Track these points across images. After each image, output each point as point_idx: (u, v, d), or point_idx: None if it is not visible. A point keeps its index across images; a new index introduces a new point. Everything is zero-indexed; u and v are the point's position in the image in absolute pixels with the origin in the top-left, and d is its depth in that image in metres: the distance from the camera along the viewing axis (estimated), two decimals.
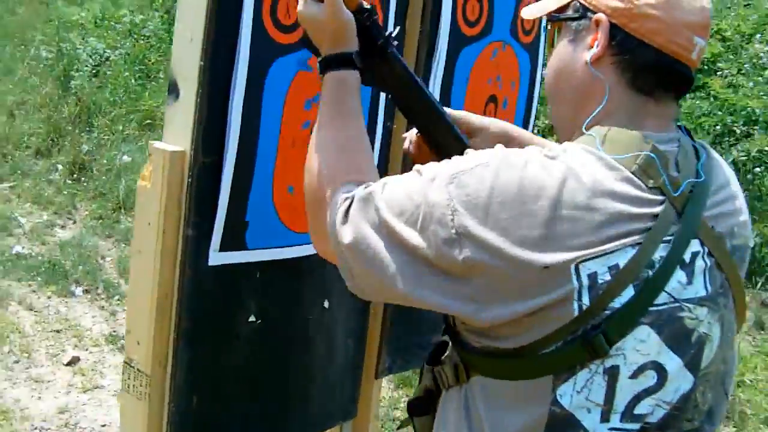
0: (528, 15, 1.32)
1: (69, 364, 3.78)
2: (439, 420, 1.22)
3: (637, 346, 1.05)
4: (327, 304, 1.89)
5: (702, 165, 1.14)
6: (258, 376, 1.76)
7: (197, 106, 1.49)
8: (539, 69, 2.25)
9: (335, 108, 1.29)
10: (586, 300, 1.03)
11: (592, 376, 1.05)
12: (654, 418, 1.08)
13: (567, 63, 1.19)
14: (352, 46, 1.32)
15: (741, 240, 1.18)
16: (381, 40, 1.37)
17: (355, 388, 2.03)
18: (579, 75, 1.17)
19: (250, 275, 1.68)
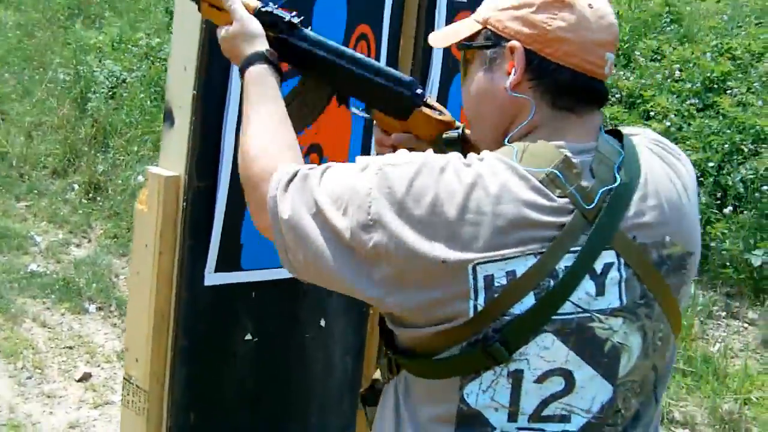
0: (436, 43, 1.35)
1: (81, 380, 3.84)
2: (380, 410, 1.28)
3: (541, 352, 1.09)
4: (323, 322, 1.94)
5: (618, 168, 1.14)
6: (255, 393, 1.81)
7: (191, 132, 1.56)
8: None
9: (259, 95, 1.33)
10: (481, 301, 1.07)
11: (496, 377, 1.10)
12: (574, 426, 1.13)
13: (486, 89, 1.23)
14: (263, 44, 1.38)
15: (676, 249, 1.16)
16: (281, 28, 1.42)
17: (353, 404, 2.06)
18: (500, 98, 1.21)
19: (245, 295, 1.73)
